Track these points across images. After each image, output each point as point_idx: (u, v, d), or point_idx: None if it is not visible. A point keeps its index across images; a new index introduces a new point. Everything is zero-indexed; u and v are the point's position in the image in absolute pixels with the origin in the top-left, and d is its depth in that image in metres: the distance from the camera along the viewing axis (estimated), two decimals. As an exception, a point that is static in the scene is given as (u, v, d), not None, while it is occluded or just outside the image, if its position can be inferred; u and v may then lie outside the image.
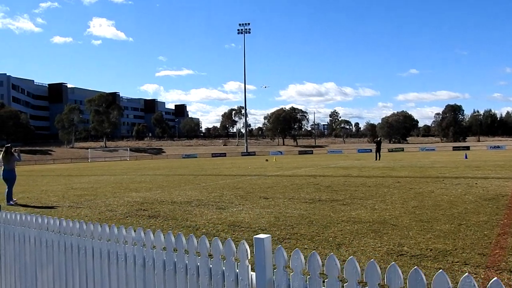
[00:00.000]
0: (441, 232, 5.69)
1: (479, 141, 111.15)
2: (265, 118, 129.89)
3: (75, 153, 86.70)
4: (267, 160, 38.65)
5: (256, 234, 2.00)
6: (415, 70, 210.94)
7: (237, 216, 7.40)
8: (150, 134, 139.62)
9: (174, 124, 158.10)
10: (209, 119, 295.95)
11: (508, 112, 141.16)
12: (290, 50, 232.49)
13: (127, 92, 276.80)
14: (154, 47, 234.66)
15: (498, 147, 68.48)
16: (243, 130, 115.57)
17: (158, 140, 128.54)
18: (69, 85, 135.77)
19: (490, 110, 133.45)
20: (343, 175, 16.33)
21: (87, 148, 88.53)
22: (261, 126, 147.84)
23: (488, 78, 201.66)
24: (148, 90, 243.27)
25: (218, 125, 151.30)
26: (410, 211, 7.45)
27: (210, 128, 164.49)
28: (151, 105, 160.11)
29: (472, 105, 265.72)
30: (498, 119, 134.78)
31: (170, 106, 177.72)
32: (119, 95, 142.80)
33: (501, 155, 34.93)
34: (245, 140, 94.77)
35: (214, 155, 78.05)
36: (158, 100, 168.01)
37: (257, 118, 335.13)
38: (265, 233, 2.00)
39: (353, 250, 4.99)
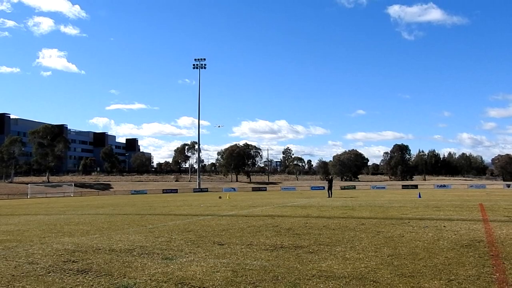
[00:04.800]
0: (433, 292, 4.76)
1: (425, 179, 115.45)
2: (218, 154, 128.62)
3: (14, 189, 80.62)
4: (220, 197, 37.19)
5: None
6: (362, 111, 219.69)
7: (186, 270, 6.13)
8: (98, 169, 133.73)
9: (125, 158, 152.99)
10: (162, 154, 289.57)
11: (450, 153, 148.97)
12: (243, 87, 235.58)
13: (76, 125, 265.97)
14: (106, 80, 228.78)
15: (444, 186, 70.92)
16: (196, 166, 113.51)
17: (106, 175, 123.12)
18: (12, 116, 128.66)
19: (434, 151, 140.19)
20: (302, 215, 15.37)
21: (28, 183, 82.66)
22: (214, 162, 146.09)
23: (429, 120, 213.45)
24: (98, 124, 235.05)
25: (170, 160, 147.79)
26: (386, 261, 6.51)
27: (162, 163, 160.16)
28: (100, 139, 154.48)
29: (416, 145, 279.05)
30: (441, 159, 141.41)
31: (121, 140, 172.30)
32: (66, 127, 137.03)
33: (452, 194, 35.62)
34: (197, 176, 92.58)
35: (165, 191, 75.21)
36: (109, 134, 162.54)
37: (210, 154, 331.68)
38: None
39: (336, 323, 3.91)
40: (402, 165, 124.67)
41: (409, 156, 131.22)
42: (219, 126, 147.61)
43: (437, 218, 13.24)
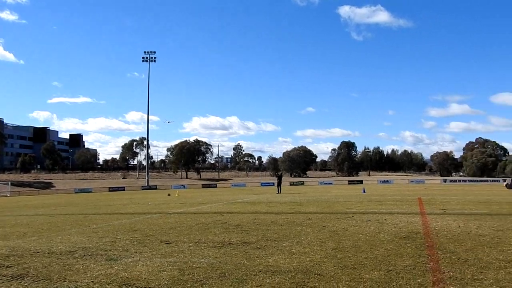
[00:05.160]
0: (373, 283, 4.97)
1: (369, 175, 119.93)
2: (168, 150, 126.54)
3: None
4: (169, 195, 36.63)
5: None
6: (312, 108, 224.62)
7: (131, 270, 5.98)
8: (39, 166, 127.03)
9: (68, 155, 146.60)
10: (108, 151, 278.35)
11: (393, 150, 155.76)
12: (195, 82, 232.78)
13: (13, 119, 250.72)
14: (48, 71, 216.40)
15: (387, 181, 74.14)
16: (144, 163, 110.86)
17: (48, 173, 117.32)
18: None
19: (378, 147, 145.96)
20: (251, 211, 15.50)
21: (-42, 182, 77.02)
22: (163, 158, 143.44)
23: (375, 118, 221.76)
24: (38, 118, 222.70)
25: (117, 157, 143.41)
26: (331, 254, 6.72)
27: (109, 160, 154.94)
28: (41, 134, 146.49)
29: (362, 142, 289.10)
30: (385, 155, 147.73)
31: (65, 135, 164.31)
32: (2, 121, 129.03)
33: (394, 189, 37.33)
34: (146, 173, 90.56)
35: (112, 189, 72.88)
36: (50, 129, 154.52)
37: (159, 150, 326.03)
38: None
39: (280, 317, 3.98)
40: (348, 161, 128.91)
41: (355, 153, 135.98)
42: (168, 122, 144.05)
43: (379, 212, 13.83)
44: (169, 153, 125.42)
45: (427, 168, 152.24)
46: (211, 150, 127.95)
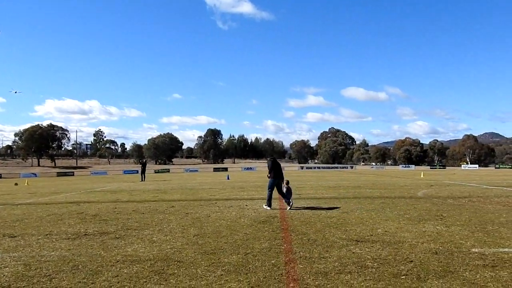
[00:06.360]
0: (230, 266, 5.19)
1: (234, 162, 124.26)
2: (16, 135, 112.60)
3: None
4: (16, 184, 32.69)
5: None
6: (178, 95, 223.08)
7: (-37, 270, 5.21)
8: None
9: None
10: None
11: (256, 138, 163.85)
12: (48, 60, 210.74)
13: None
14: None
15: (250, 168, 77.67)
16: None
17: None
18: None
19: (243, 136, 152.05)
20: (111, 200, 14.75)
21: None
22: (10, 144, 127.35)
23: (240, 107, 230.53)
24: None
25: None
26: (192, 241, 6.80)
27: None
28: None
29: (228, 130, 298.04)
30: (249, 143, 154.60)
31: None
32: None
33: (255, 176, 39.28)
34: (-13, 160, 79.24)
35: None
36: None
37: (6, 135, 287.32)
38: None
39: (137, 306, 3.89)
40: (214, 149, 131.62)
41: (221, 140, 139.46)
42: (15, 92, 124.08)
43: (241, 198, 14.44)
44: (17, 138, 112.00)
45: (287, 156, 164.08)
46: (68, 135, 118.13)
